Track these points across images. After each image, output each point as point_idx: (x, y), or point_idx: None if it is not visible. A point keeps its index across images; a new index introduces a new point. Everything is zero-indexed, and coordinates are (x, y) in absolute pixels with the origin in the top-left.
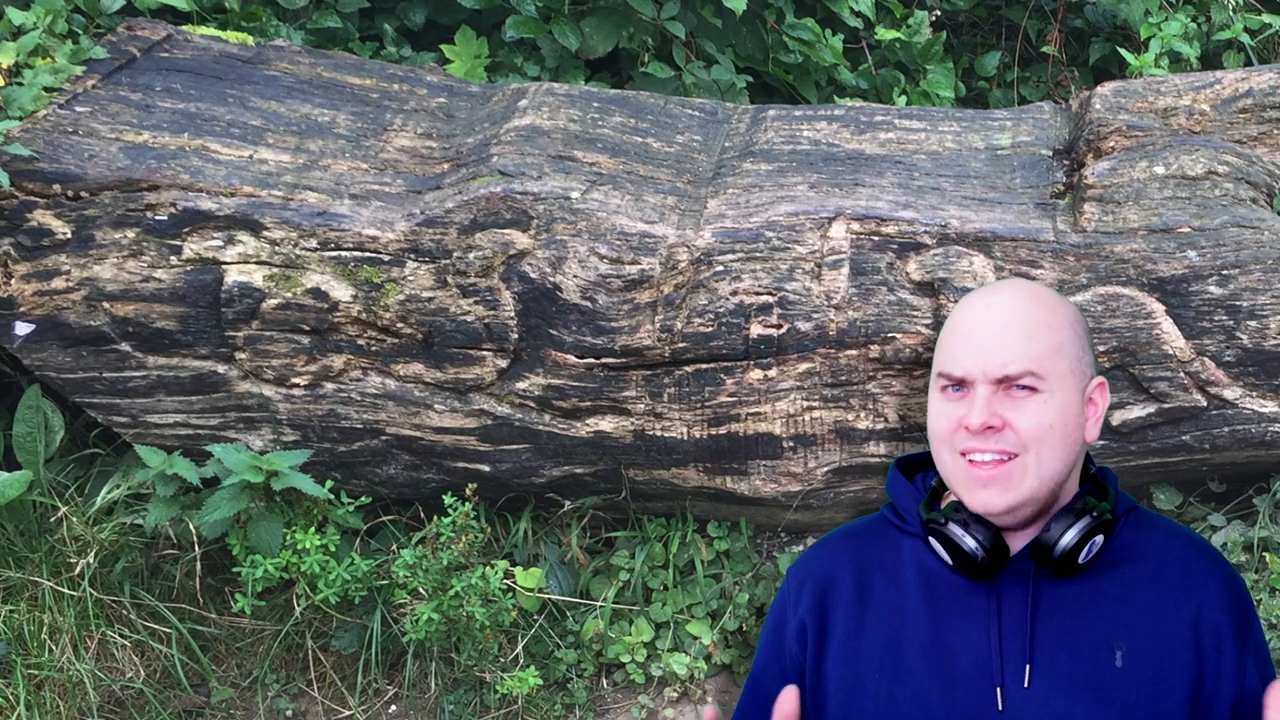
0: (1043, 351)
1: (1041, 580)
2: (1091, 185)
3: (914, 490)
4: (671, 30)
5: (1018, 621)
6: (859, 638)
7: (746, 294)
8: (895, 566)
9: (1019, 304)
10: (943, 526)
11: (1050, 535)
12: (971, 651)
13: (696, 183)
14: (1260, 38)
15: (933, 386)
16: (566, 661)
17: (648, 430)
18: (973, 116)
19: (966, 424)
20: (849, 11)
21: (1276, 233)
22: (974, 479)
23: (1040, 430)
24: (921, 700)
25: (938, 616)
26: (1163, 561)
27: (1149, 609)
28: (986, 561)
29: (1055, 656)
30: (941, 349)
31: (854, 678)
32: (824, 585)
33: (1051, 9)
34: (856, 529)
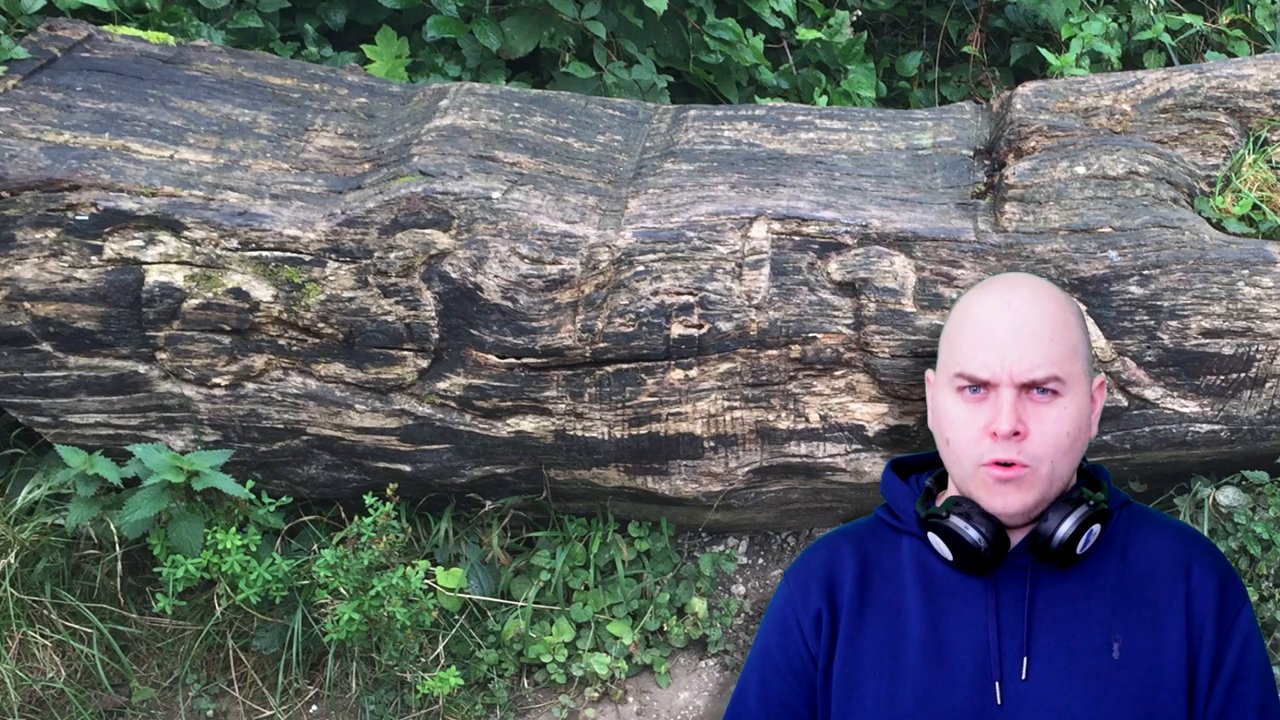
0: (1064, 354)
1: (1039, 574)
2: (1012, 185)
3: (909, 490)
4: (592, 30)
5: (1015, 615)
6: (858, 637)
7: (667, 294)
8: (893, 566)
9: (1040, 304)
10: (944, 520)
11: (1048, 526)
12: (970, 647)
13: (618, 183)
14: (1181, 38)
15: (943, 387)
16: (487, 661)
17: (569, 430)
18: (894, 116)
19: (995, 429)
20: (770, 11)
21: (1197, 233)
22: (994, 481)
23: (1059, 440)
24: (921, 698)
25: (936, 614)
26: (1156, 553)
27: (1144, 601)
28: (990, 553)
29: (1053, 650)
30: (957, 348)
31: (852, 676)
32: (829, 581)
33: (972, 9)
34: (852, 530)
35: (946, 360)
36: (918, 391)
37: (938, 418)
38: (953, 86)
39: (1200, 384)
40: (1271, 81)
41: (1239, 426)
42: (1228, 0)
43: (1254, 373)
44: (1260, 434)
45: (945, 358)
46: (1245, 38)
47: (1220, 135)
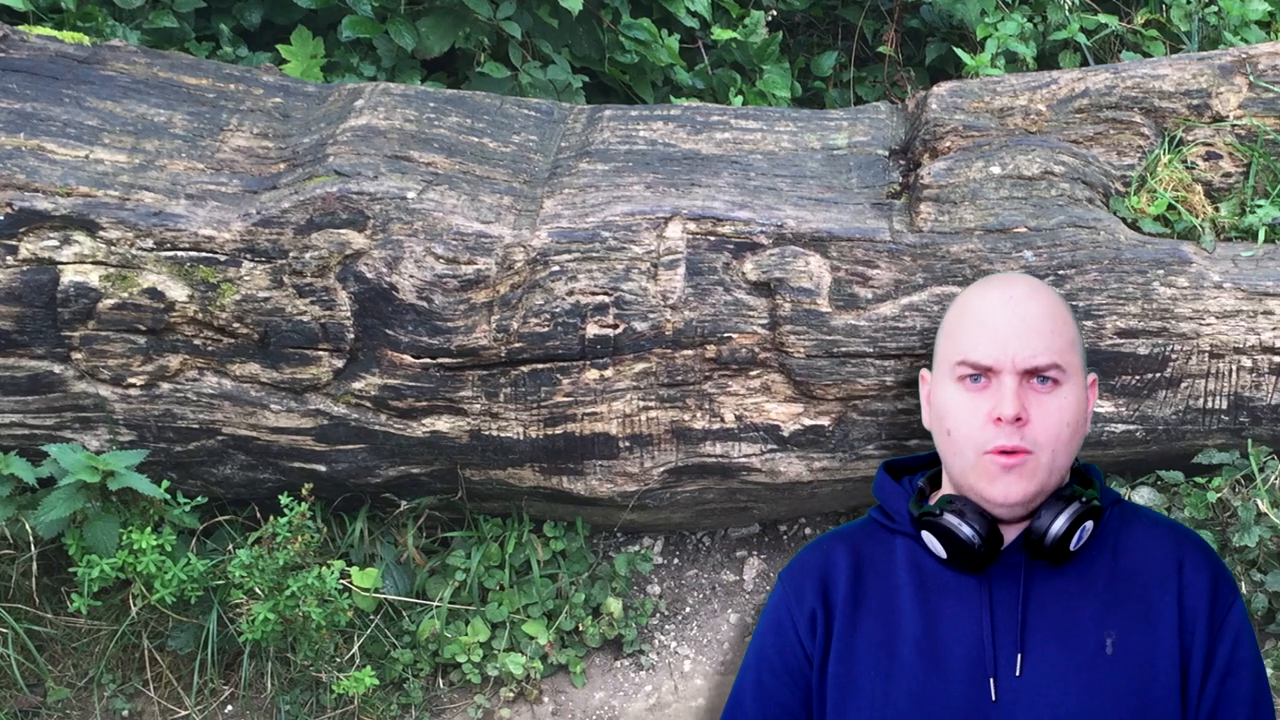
0: (1064, 344)
1: (1033, 571)
2: (928, 185)
3: (902, 491)
4: (507, 30)
5: (1009, 612)
6: (853, 637)
7: (583, 294)
8: (887, 565)
9: (1039, 297)
10: (938, 518)
11: (1041, 523)
12: (964, 644)
13: (533, 183)
14: (1096, 38)
15: (942, 380)
16: (403, 661)
17: (484, 430)
18: (809, 116)
19: (999, 414)
20: (685, 11)
21: (1113, 233)
22: (995, 469)
23: (1059, 429)
24: (916, 695)
25: (930, 612)
26: (1147, 550)
27: (1136, 598)
28: (983, 550)
29: (1047, 646)
30: (958, 339)
31: (847, 675)
32: (824, 581)
33: (888, 9)
34: (846, 532)
35: (946, 352)
36: (833, 392)
37: (937, 410)
38: (868, 86)
39: (1116, 384)
40: (1187, 81)
41: (1154, 427)
42: (1143, 0)
43: (1169, 373)
44: (1175, 434)
45: (944, 350)
46: (1161, 38)
47: (1136, 135)
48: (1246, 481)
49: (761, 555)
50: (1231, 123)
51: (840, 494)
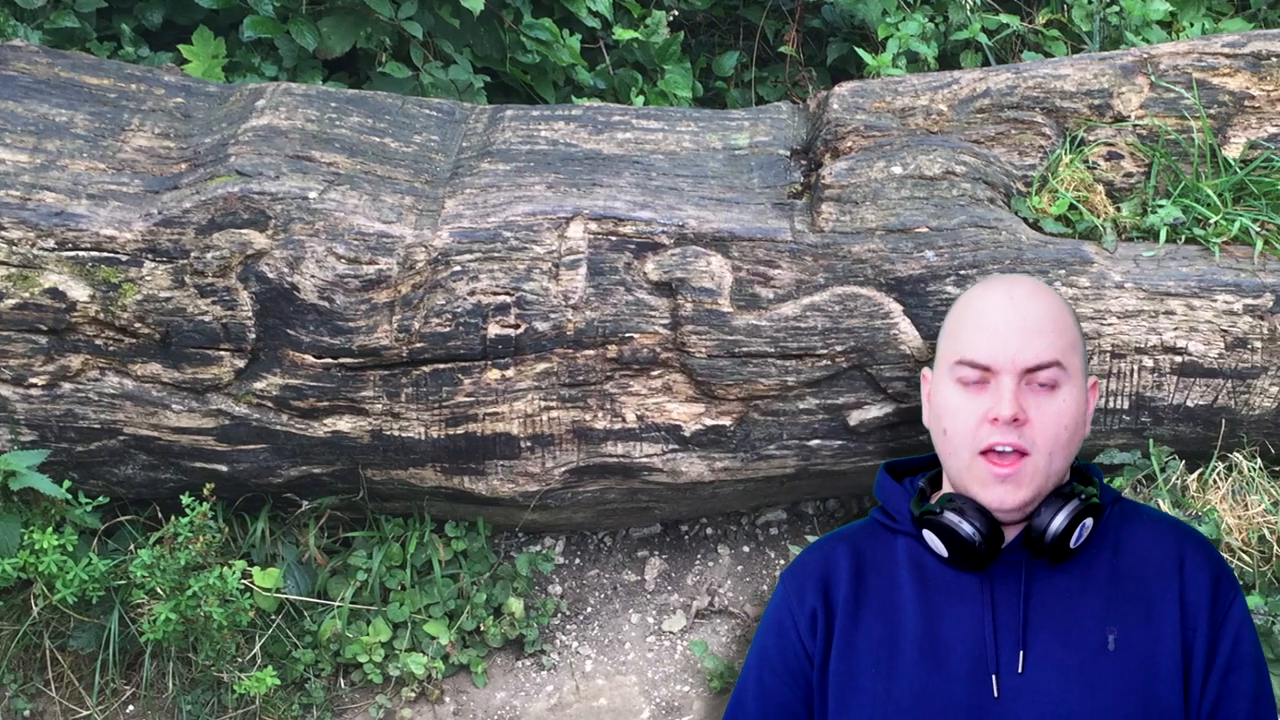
0: (1066, 345)
1: (1034, 569)
2: (829, 185)
3: (903, 491)
4: (409, 30)
5: (1011, 610)
6: (854, 635)
7: (484, 294)
8: (888, 565)
9: (1041, 299)
10: (939, 516)
11: (1041, 520)
12: (966, 642)
13: (434, 183)
14: (998, 38)
15: (941, 379)
16: (304, 661)
17: (385, 430)
18: (710, 116)
19: (996, 414)
20: (586, 11)
21: (1014, 233)
22: (991, 475)
23: (1057, 432)
24: (918, 693)
25: (932, 610)
26: (1148, 547)
27: (1138, 595)
28: (984, 547)
29: (1049, 643)
30: (958, 338)
31: (848, 674)
32: (825, 581)
33: (789, 9)
34: (848, 532)
35: (946, 352)
36: (734, 392)
37: (936, 410)
38: (769, 86)
39: None
40: (1088, 81)
41: None
42: (1044, 0)
43: None
44: None
45: (945, 349)
46: (1062, 38)
47: (1037, 135)
48: (1148, 481)
49: (663, 555)
50: (1133, 123)
51: (742, 494)
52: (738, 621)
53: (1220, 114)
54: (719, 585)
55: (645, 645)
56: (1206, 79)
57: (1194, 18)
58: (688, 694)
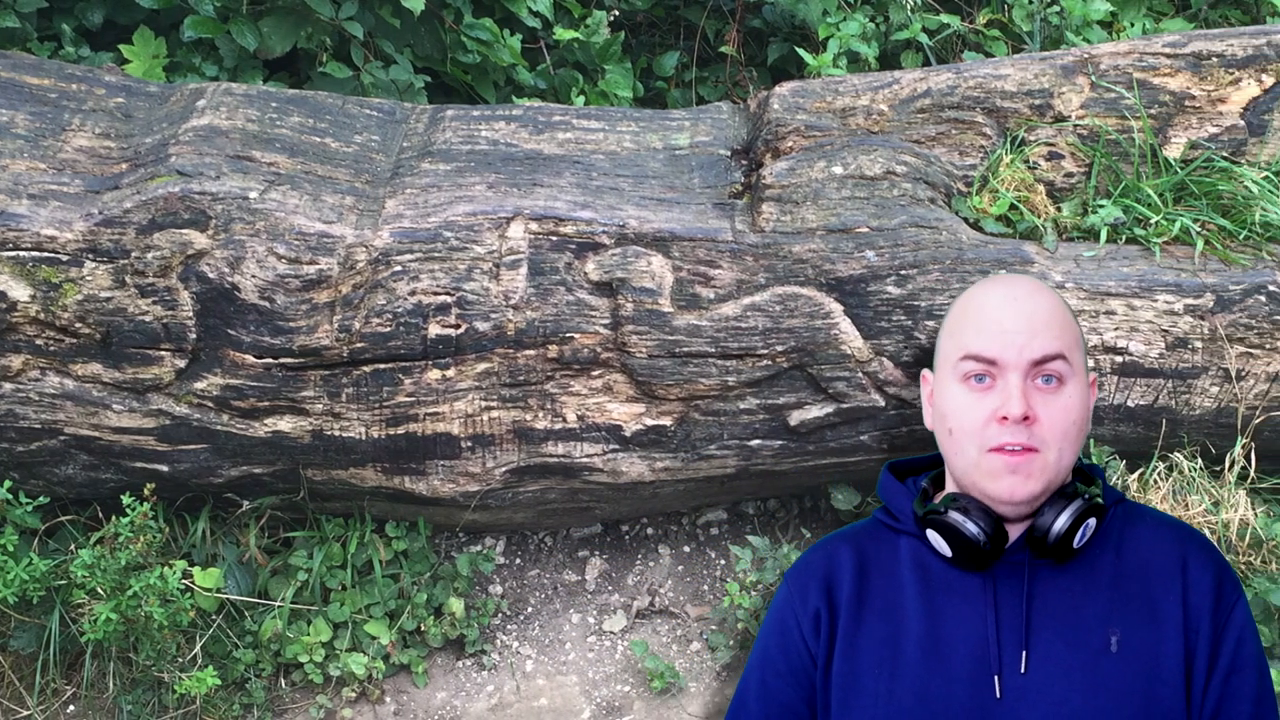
0: (1070, 340)
1: (1037, 569)
2: (770, 185)
3: (906, 491)
4: (349, 30)
5: (1014, 610)
6: (857, 634)
7: (425, 294)
8: (891, 565)
9: (1042, 297)
10: (943, 516)
11: (1044, 521)
12: (969, 642)
13: (375, 183)
14: (939, 38)
15: (945, 378)
16: (245, 661)
17: (326, 430)
18: (651, 116)
19: (1005, 413)
20: (527, 11)
21: (955, 233)
22: (1000, 468)
23: (1064, 428)
24: (921, 693)
25: (934, 611)
26: (1152, 548)
27: (1141, 595)
28: (989, 547)
29: (1051, 643)
30: (962, 336)
31: (851, 674)
32: (828, 581)
33: (730, 9)
34: (851, 532)
35: (949, 350)
36: (675, 392)
37: (940, 409)
38: (710, 86)
39: None
40: (1029, 81)
41: None
42: (985, 1)
43: None
44: None
45: (947, 348)
46: (1003, 38)
47: (978, 135)
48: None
49: (604, 555)
50: (1074, 123)
51: (683, 494)
52: (678, 621)
53: (1161, 114)
54: (660, 585)
55: (586, 645)
56: (1147, 79)
57: (1135, 18)
58: (628, 694)
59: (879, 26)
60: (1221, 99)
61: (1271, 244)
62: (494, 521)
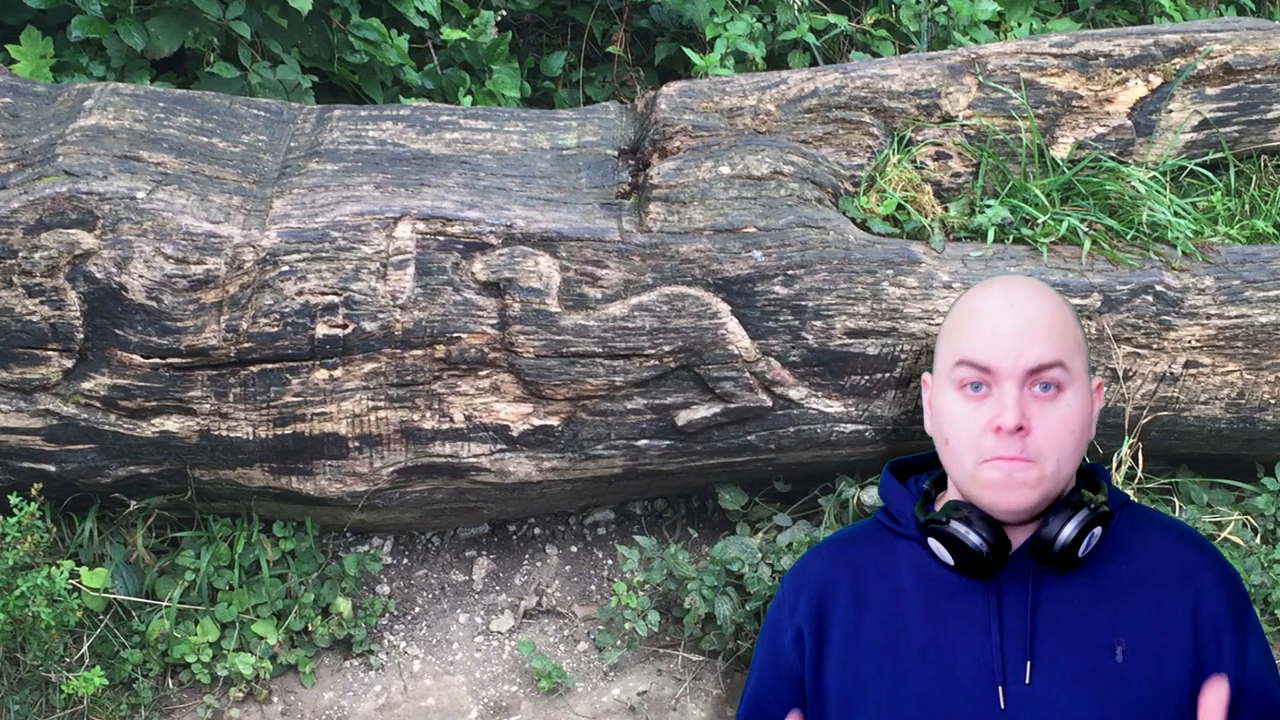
0: (1069, 347)
1: (1041, 576)
2: (657, 185)
3: (908, 493)
4: (237, 30)
5: (1018, 618)
6: (857, 642)
7: (312, 294)
8: (892, 570)
9: (1041, 300)
10: (944, 525)
11: (1049, 530)
12: (972, 651)
13: (262, 183)
14: (826, 38)
15: (942, 386)
16: (132, 661)
17: (213, 430)
18: (538, 117)
19: (999, 424)
20: (414, 11)
21: (842, 233)
22: (996, 479)
23: (1062, 437)
24: (923, 702)
25: (937, 618)
26: (1159, 555)
27: (1147, 603)
28: (991, 557)
29: (1056, 652)
30: (957, 341)
31: (853, 683)
32: (821, 592)
33: (617, 9)
34: (851, 535)
35: (946, 356)
36: (562, 392)
37: (937, 418)
38: (597, 86)
39: (845, 384)
40: (916, 81)
41: (883, 426)
42: (872, 1)
43: (898, 373)
44: (904, 434)
45: (943, 353)
46: (890, 38)
47: (865, 135)
48: None
49: (491, 555)
50: (961, 123)
51: (570, 494)
52: (566, 621)
53: (1048, 114)
54: (547, 585)
55: (473, 645)
56: (1034, 79)
57: (1022, 18)
58: (515, 694)
59: (766, 27)
60: (1109, 99)
61: (1159, 244)
62: (381, 521)
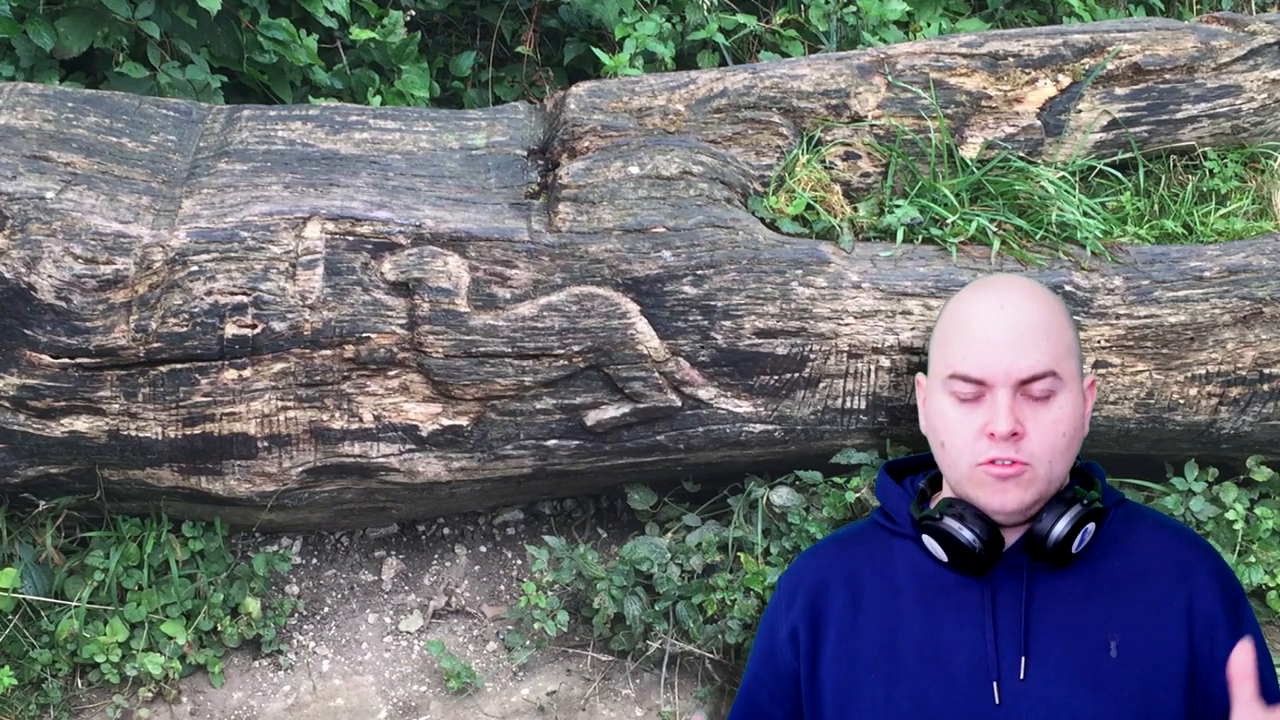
0: (1060, 352)
1: (1035, 573)
2: (566, 185)
3: (903, 493)
4: (146, 30)
5: (1012, 615)
6: (853, 640)
7: (221, 294)
8: (888, 569)
9: (1033, 304)
10: (938, 522)
11: (1043, 526)
12: (967, 647)
13: (171, 183)
14: (735, 38)
15: (936, 390)
16: (41, 661)
17: (122, 430)
18: (447, 117)
19: (992, 430)
20: (324, 11)
21: (751, 233)
22: (991, 481)
23: (1055, 440)
24: (919, 699)
25: (932, 615)
26: (1152, 552)
27: (1141, 599)
28: (985, 553)
29: (1051, 648)
30: (950, 350)
31: (849, 680)
32: (816, 591)
33: (526, 9)
34: (847, 535)
35: (939, 363)
36: (471, 392)
37: (931, 421)
38: (507, 87)
39: (754, 384)
40: (825, 81)
41: (793, 426)
42: (781, 1)
43: (808, 373)
44: (814, 434)
45: (937, 360)
46: (799, 38)
47: (774, 135)
48: None
49: (400, 555)
50: (870, 123)
51: (479, 494)
52: (475, 621)
53: (957, 114)
54: (456, 585)
55: (382, 645)
56: (943, 79)
57: (931, 18)
58: (425, 694)
59: (675, 27)
60: (1018, 99)
61: (1068, 244)
62: (290, 521)
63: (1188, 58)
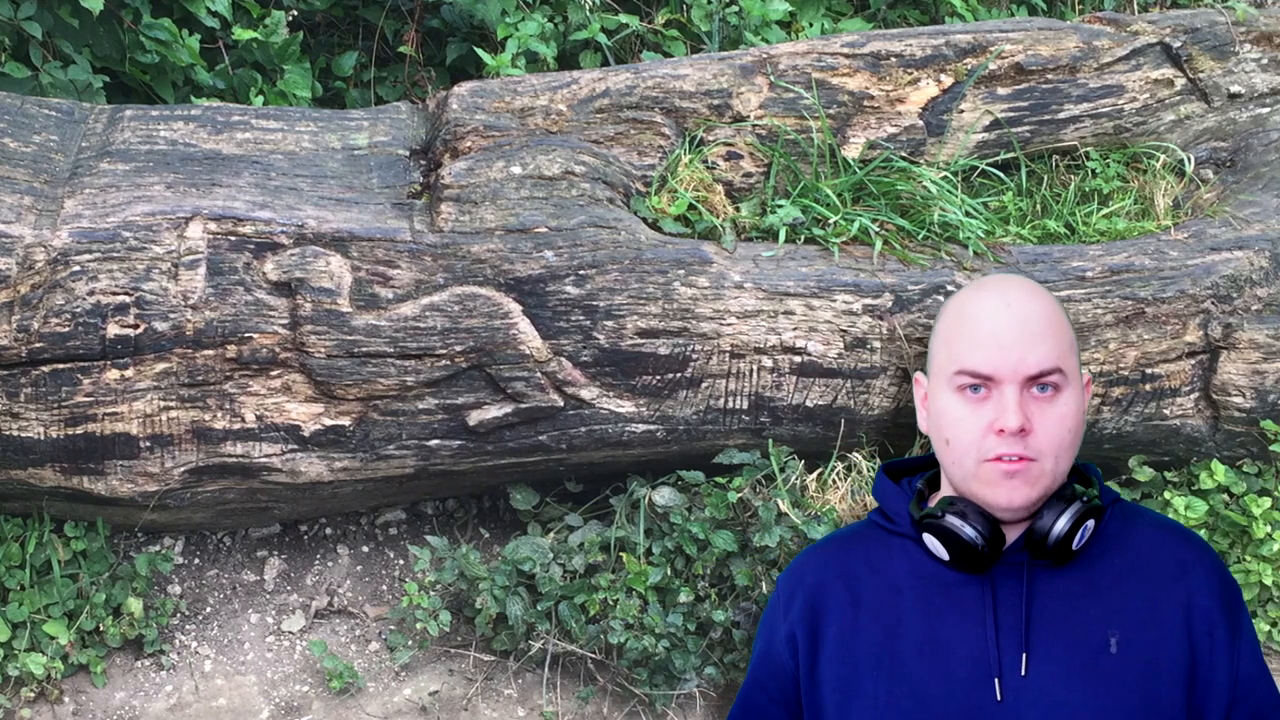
0: (1064, 349)
1: (1035, 571)
2: (448, 185)
3: (902, 493)
4: (28, 30)
5: (1013, 612)
6: (854, 639)
7: (104, 294)
8: (887, 568)
9: (1036, 301)
10: (940, 519)
11: (1044, 523)
12: (968, 645)
13: (54, 183)
14: (618, 38)
15: (940, 388)
16: None
17: (4, 430)
18: (330, 117)
19: (1001, 425)
20: (206, 11)
21: (634, 233)
22: (998, 477)
23: (1061, 435)
24: (920, 696)
25: (932, 613)
26: (1150, 550)
27: (1140, 597)
28: (986, 550)
29: (1052, 645)
30: (955, 346)
31: (849, 678)
32: (814, 592)
33: (408, 9)
34: (846, 535)
35: (943, 360)
36: (354, 392)
37: (935, 419)
38: (389, 87)
39: (636, 384)
40: (707, 81)
41: (675, 426)
42: (664, 1)
43: (690, 373)
44: (696, 434)
45: (941, 358)
46: (682, 38)
47: (656, 135)
48: (767, 481)
49: (282, 555)
50: (752, 123)
51: (361, 494)
52: (357, 621)
53: (839, 114)
54: (338, 585)
55: (265, 645)
56: (826, 79)
57: (813, 18)
58: (307, 694)
59: (558, 27)
60: (900, 99)
61: (950, 244)
62: (173, 521)
63: (1070, 58)
